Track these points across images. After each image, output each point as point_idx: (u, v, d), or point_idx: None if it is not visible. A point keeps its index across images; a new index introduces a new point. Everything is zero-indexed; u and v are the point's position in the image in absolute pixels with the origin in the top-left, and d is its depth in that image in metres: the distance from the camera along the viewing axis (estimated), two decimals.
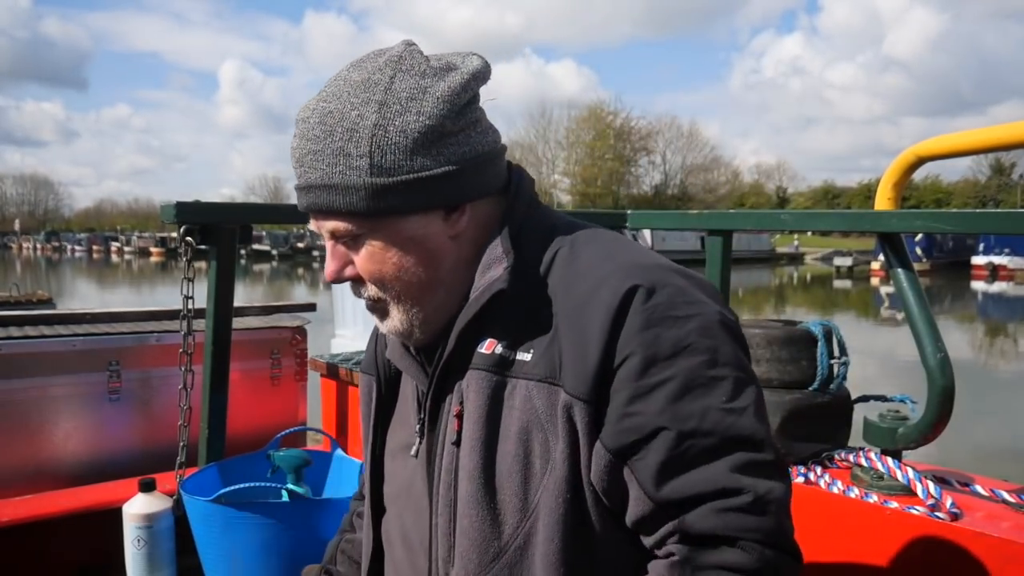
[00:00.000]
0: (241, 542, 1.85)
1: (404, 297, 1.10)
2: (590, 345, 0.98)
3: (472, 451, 1.05)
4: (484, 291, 1.06)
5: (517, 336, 1.05)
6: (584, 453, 1.00)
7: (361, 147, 1.02)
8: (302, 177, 1.07)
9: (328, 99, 1.05)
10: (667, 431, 0.95)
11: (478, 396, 1.05)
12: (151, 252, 73.69)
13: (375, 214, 1.04)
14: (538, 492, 1.01)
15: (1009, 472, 2.34)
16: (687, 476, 0.95)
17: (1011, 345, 19.74)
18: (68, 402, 2.68)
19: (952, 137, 2.11)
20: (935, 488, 1.75)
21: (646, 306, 0.98)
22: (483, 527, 1.04)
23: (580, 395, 0.98)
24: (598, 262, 1.05)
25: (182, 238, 2.08)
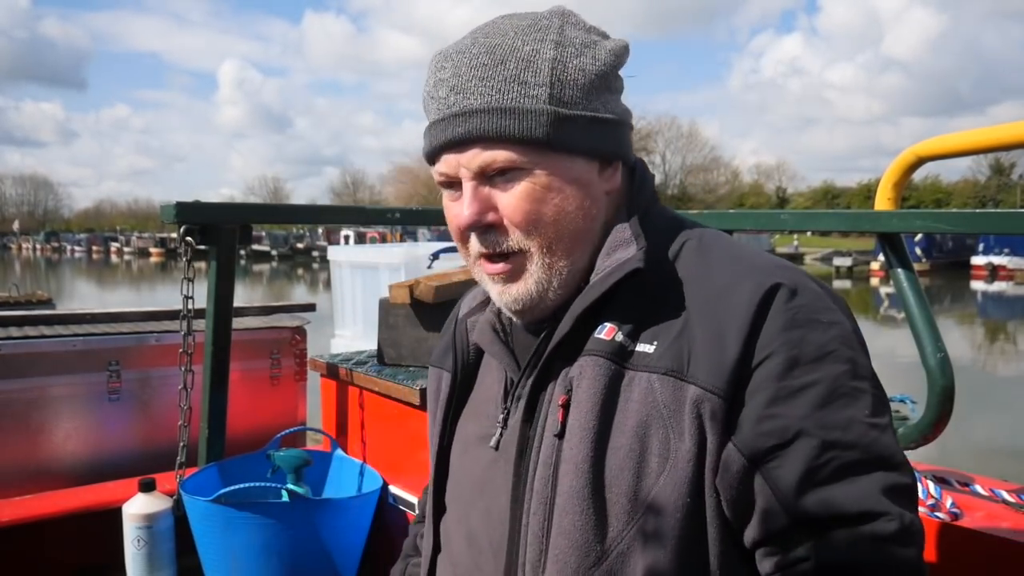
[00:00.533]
0: (241, 542, 1.85)
1: (552, 248, 1.00)
2: (728, 339, 0.91)
3: (580, 443, 0.95)
4: (615, 270, 0.99)
5: (639, 324, 0.98)
6: (712, 454, 0.90)
7: (540, 76, 0.97)
8: (459, 104, 0.98)
9: (490, 35, 1.00)
10: (810, 438, 0.87)
11: (593, 384, 0.96)
12: (151, 253, 73.66)
13: (550, 144, 0.97)
14: (651, 492, 0.92)
15: (1009, 472, 2.34)
16: (829, 490, 0.86)
17: (1011, 345, 19.74)
18: (68, 402, 2.68)
19: (952, 137, 2.11)
20: (935, 488, 1.75)
21: (789, 306, 0.93)
22: (586, 527, 0.93)
23: (715, 390, 0.90)
24: (733, 258, 1.00)
25: (182, 238, 2.08)
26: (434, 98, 1.01)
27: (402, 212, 2.60)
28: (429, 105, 1.03)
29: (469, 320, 1.20)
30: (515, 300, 1.03)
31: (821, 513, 0.86)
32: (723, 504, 0.91)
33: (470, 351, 1.18)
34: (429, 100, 1.02)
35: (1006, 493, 1.80)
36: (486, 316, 1.17)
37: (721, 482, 0.91)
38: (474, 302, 1.23)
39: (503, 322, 1.14)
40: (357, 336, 4.91)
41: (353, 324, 5.00)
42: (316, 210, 2.78)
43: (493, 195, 1.00)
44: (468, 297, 1.27)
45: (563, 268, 1.02)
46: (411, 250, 4.44)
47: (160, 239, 74.69)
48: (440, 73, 1.01)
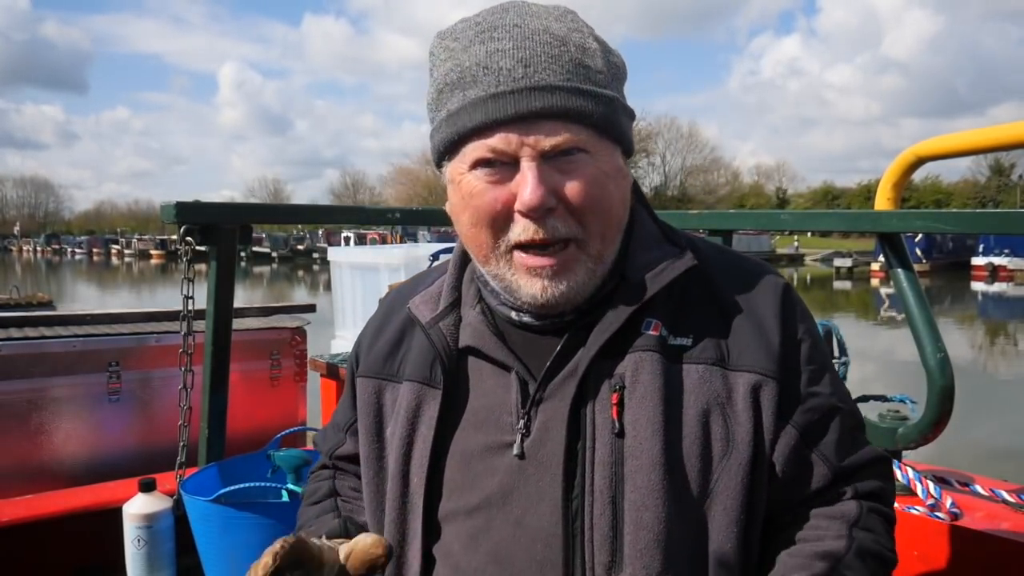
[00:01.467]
0: (241, 542, 1.85)
1: (606, 235, 0.99)
2: (770, 330, 1.03)
3: (653, 437, 0.96)
4: (667, 268, 1.02)
5: (677, 319, 1.03)
6: (769, 433, 1.00)
7: (597, 63, 0.97)
8: (530, 77, 0.93)
9: (529, 17, 0.97)
10: (839, 410, 1.06)
11: (654, 379, 0.98)
12: (151, 254, 73.69)
13: (614, 128, 0.99)
14: (717, 476, 0.98)
15: (1009, 472, 2.34)
16: (856, 448, 1.07)
17: (1011, 345, 19.73)
18: (68, 403, 2.68)
19: (952, 137, 2.11)
20: (935, 488, 1.75)
21: (797, 299, 1.10)
22: (669, 517, 0.95)
23: (771, 373, 1.01)
24: (740, 258, 1.14)
25: (182, 238, 2.08)
26: (490, 68, 0.94)
27: (402, 212, 2.60)
28: (478, 76, 0.94)
29: (443, 325, 1.09)
30: (561, 295, 0.98)
31: (854, 465, 1.06)
32: (776, 472, 1.02)
33: (455, 359, 1.08)
34: (480, 70, 0.94)
35: (1006, 493, 1.80)
36: (476, 319, 1.08)
37: (778, 455, 1.01)
38: (436, 306, 1.12)
39: (495, 323, 1.08)
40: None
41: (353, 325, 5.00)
42: (316, 210, 2.78)
43: (554, 177, 0.95)
44: (420, 301, 1.14)
45: (609, 257, 1.02)
46: (411, 251, 4.44)
47: (160, 241, 74.75)
48: (495, 43, 0.94)
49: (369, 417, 1.14)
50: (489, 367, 1.06)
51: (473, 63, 0.95)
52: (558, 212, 0.95)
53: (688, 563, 0.96)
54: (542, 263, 0.97)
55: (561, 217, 0.96)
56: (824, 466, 1.03)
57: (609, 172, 0.98)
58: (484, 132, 0.95)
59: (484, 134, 0.95)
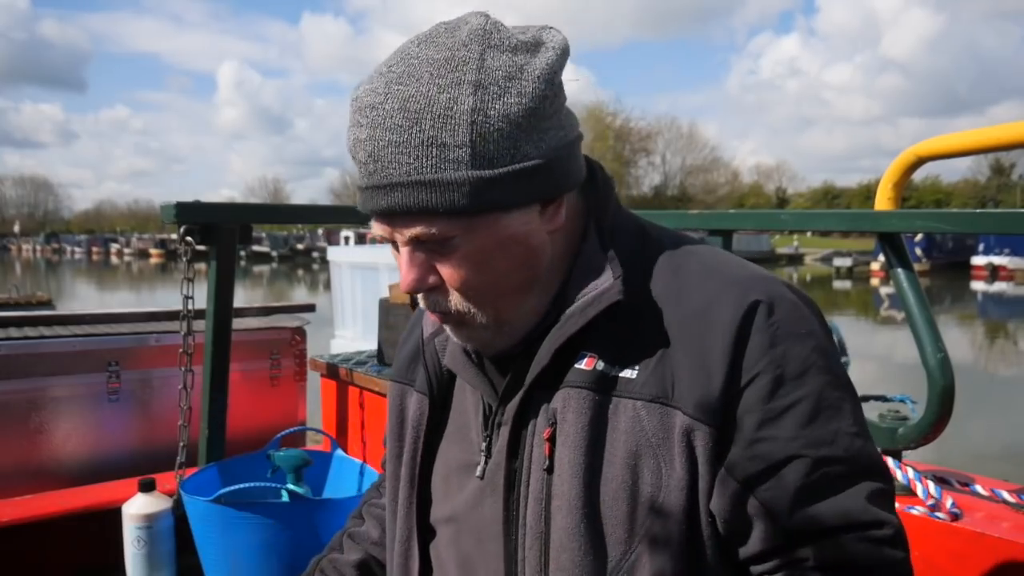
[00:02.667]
0: (241, 542, 1.85)
1: (496, 304, 0.97)
2: (713, 364, 0.90)
3: (572, 479, 0.93)
4: (592, 303, 0.95)
5: (619, 351, 0.95)
6: (704, 480, 0.90)
7: (459, 135, 0.87)
8: (379, 174, 0.90)
9: (404, 81, 0.89)
10: (801, 459, 0.88)
11: (578, 418, 0.94)
12: (150, 254, 73.66)
13: (479, 211, 0.90)
14: (645, 522, 0.91)
15: (1009, 472, 2.34)
16: (822, 505, 0.88)
17: (1011, 345, 19.73)
18: (68, 402, 2.68)
19: (952, 137, 2.11)
20: (935, 488, 1.75)
21: (770, 322, 0.91)
22: (584, 562, 0.93)
23: (703, 418, 0.89)
24: (708, 272, 0.97)
25: (182, 238, 2.08)
26: (355, 159, 0.94)
27: None
28: (353, 162, 0.96)
29: (437, 340, 1.14)
30: (468, 342, 1.03)
31: (815, 527, 0.88)
32: (718, 525, 0.92)
33: (443, 373, 1.13)
34: (352, 158, 0.95)
35: (1006, 493, 1.80)
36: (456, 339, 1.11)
37: (715, 506, 0.91)
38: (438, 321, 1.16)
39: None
40: (357, 336, 4.91)
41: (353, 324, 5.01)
42: (316, 210, 2.78)
43: (431, 258, 0.95)
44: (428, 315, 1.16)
45: (510, 319, 0.99)
46: None
47: (160, 240, 74.70)
48: (357, 131, 0.92)
49: (394, 418, 1.20)
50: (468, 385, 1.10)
51: (349, 148, 0.96)
52: (442, 288, 0.97)
53: None
54: (440, 320, 1.02)
55: (444, 293, 0.97)
56: (768, 523, 0.89)
57: (489, 248, 0.93)
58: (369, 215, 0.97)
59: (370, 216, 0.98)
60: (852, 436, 0.91)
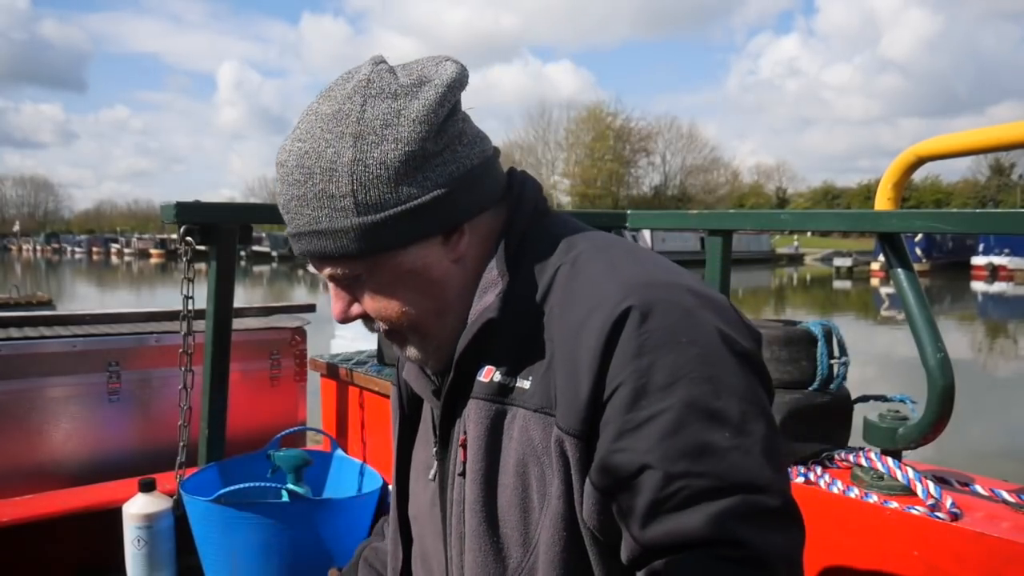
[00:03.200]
0: (241, 542, 1.85)
1: (415, 329, 1.06)
2: (581, 375, 0.90)
3: (473, 483, 1.01)
4: (476, 320, 1.01)
5: (516, 362, 0.99)
6: (576, 490, 0.93)
7: (342, 187, 0.95)
8: (290, 224, 1.02)
9: (303, 138, 0.99)
10: (653, 470, 0.85)
11: (477, 426, 1.01)
12: (151, 254, 73.69)
13: (369, 254, 0.99)
14: (538, 528, 0.96)
15: (1009, 472, 2.34)
16: (673, 520, 0.85)
17: (1011, 345, 19.73)
18: (68, 403, 2.68)
19: (952, 137, 2.11)
20: (935, 488, 1.75)
21: (641, 330, 0.88)
22: (486, 562, 0.99)
23: (570, 430, 0.91)
24: (597, 280, 0.96)
25: (182, 238, 2.08)
26: (279, 206, 1.05)
27: None
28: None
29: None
30: (413, 358, 1.10)
31: (667, 542, 0.85)
32: (595, 534, 0.93)
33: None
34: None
35: (1006, 493, 1.80)
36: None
37: (587, 514, 0.92)
38: None
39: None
40: (357, 336, 4.92)
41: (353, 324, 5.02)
42: None
43: (351, 291, 1.06)
44: None
45: (432, 340, 1.07)
46: None
47: (160, 240, 74.77)
48: (276, 185, 1.04)
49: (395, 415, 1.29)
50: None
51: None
52: (368, 316, 1.07)
53: None
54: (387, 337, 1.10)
55: (371, 320, 1.07)
56: (626, 533, 0.90)
57: (392, 282, 1.02)
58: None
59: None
60: (725, 450, 0.85)
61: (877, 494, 1.82)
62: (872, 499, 1.81)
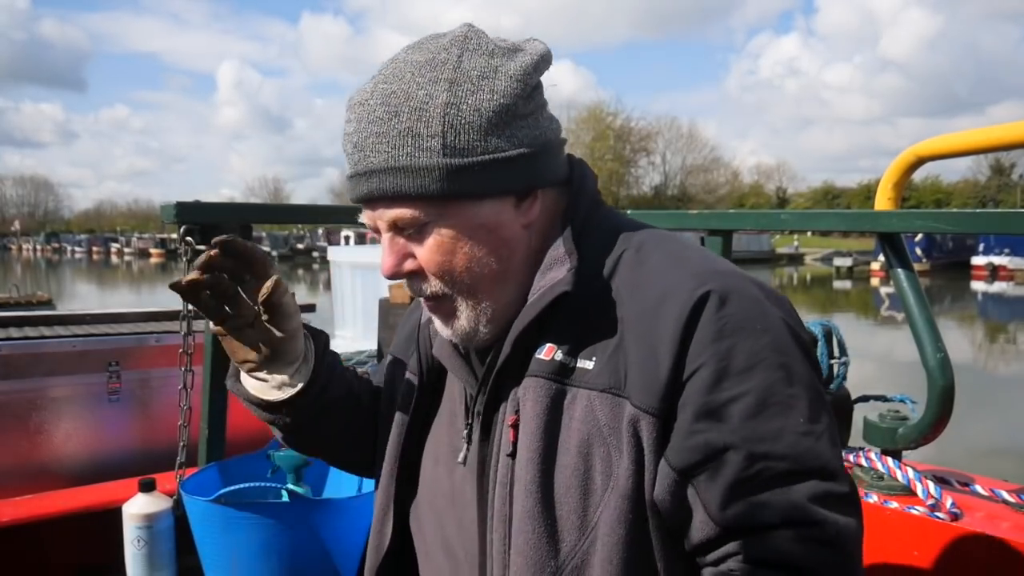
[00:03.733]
0: (241, 542, 1.85)
1: (474, 292, 1.02)
2: (659, 355, 0.92)
3: (529, 464, 0.97)
4: (546, 293, 1.00)
5: (578, 342, 0.99)
6: (649, 471, 0.92)
7: (432, 126, 0.95)
8: (362, 163, 0.99)
9: (389, 80, 0.99)
10: (737, 451, 0.88)
11: (536, 405, 0.98)
12: (151, 253, 73.71)
13: (448, 197, 0.97)
14: (598, 510, 0.94)
15: (1009, 472, 2.34)
16: (757, 501, 0.88)
17: (1011, 345, 19.73)
18: (68, 403, 2.68)
19: (952, 137, 2.11)
20: (935, 488, 1.75)
21: (719, 315, 0.92)
22: (539, 545, 0.96)
23: (648, 408, 0.92)
24: (667, 266, 0.99)
25: (182, 238, 2.08)
26: (344, 152, 1.03)
27: None
28: (344, 151, 1.04)
29: (431, 327, 1.18)
30: (455, 334, 1.06)
31: (747, 523, 0.89)
32: (662, 516, 0.93)
33: (433, 360, 1.18)
34: (343, 149, 1.03)
35: (1006, 493, 1.80)
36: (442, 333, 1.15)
37: (658, 496, 0.93)
38: None
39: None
40: (357, 336, 4.92)
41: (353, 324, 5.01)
42: (316, 210, 2.77)
43: (408, 245, 1.02)
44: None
45: (488, 308, 1.04)
46: None
47: (160, 240, 74.77)
48: (347, 126, 1.02)
49: (387, 390, 1.26)
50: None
51: (342, 144, 1.04)
52: (421, 274, 1.03)
53: None
54: (429, 307, 1.08)
55: (424, 279, 1.03)
56: (704, 514, 0.90)
57: (461, 235, 0.99)
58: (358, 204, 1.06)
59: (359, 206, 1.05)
60: (800, 435, 0.89)
61: (877, 494, 1.83)
62: (872, 499, 1.81)
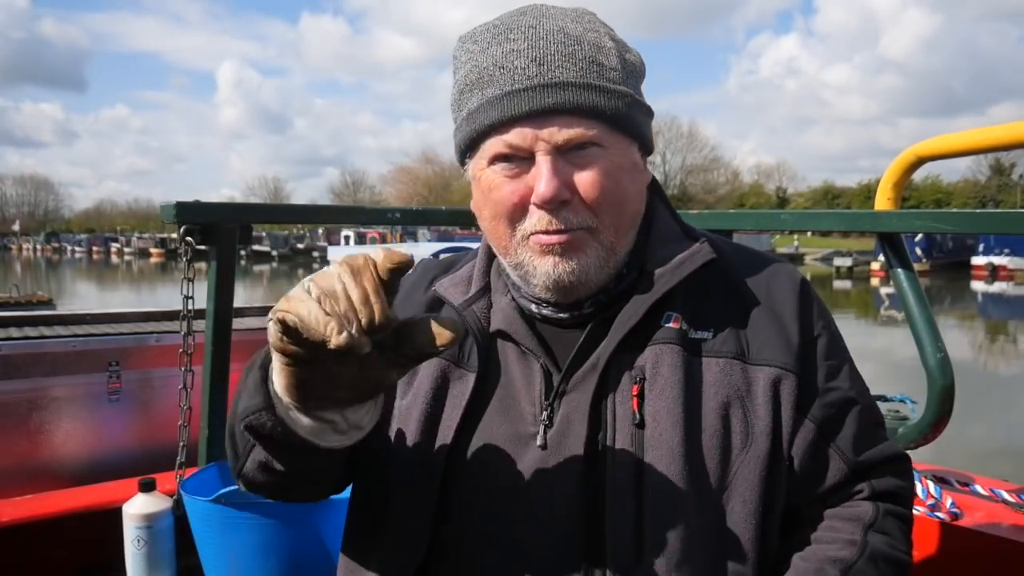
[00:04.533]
0: (241, 542, 1.85)
1: (618, 227, 1.02)
2: (789, 324, 1.06)
3: (673, 428, 0.98)
4: (685, 261, 1.05)
5: (697, 314, 1.05)
6: (787, 427, 1.02)
7: (612, 61, 1.01)
8: (545, 75, 0.97)
9: (545, 18, 1.01)
10: (857, 405, 1.07)
11: (673, 372, 1.00)
12: (151, 253, 73.68)
13: (628, 123, 1.02)
14: (736, 468, 0.99)
15: (1009, 472, 2.34)
16: (874, 443, 1.07)
17: (1011, 345, 19.73)
18: (68, 403, 2.68)
19: (952, 137, 2.11)
20: (935, 488, 1.75)
21: (813, 294, 1.11)
22: (688, 509, 0.96)
23: (791, 367, 1.03)
24: (754, 254, 1.15)
25: (182, 238, 2.08)
26: (506, 68, 0.98)
27: (402, 212, 2.60)
28: (495, 75, 0.99)
29: (476, 308, 1.10)
30: (571, 272, 1.00)
31: (871, 461, 1.06)
32: (794, 467, 1.03)
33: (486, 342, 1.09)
34: (496, 70, 0.99)
35: (1006, 493, 1.80)
36: (509, 305, 1.09)
37: (796, 449, 1.03)
38: (468, 290, 1.13)
39: (525, 312, 1.09)
40: None
41: None
42: (316, 210, 2.77)
43: (569, 170, 0.99)
44: (448, 284, 1.15)
45: (621, 248, 1.04)
46: (411, 250, 4.44)
47: (160, 239, 74.75)
48: (510, 44, 0.99)
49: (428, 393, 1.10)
50: (515, 355, 1.08)
51: (490, 63, 1.00)
52: (572, 204, 0.99)
53: (706, 554, 0.97)
54: (554, 240, 1.00)
55: (575, 209, 0.99)
56: (840, 461, 1.04)
57: (624, 166, 1.02)
58: (501, 128, 0.99)
59: (501, 130, 0.99)
60: (867, 390, 1.12)
61: None
62: None
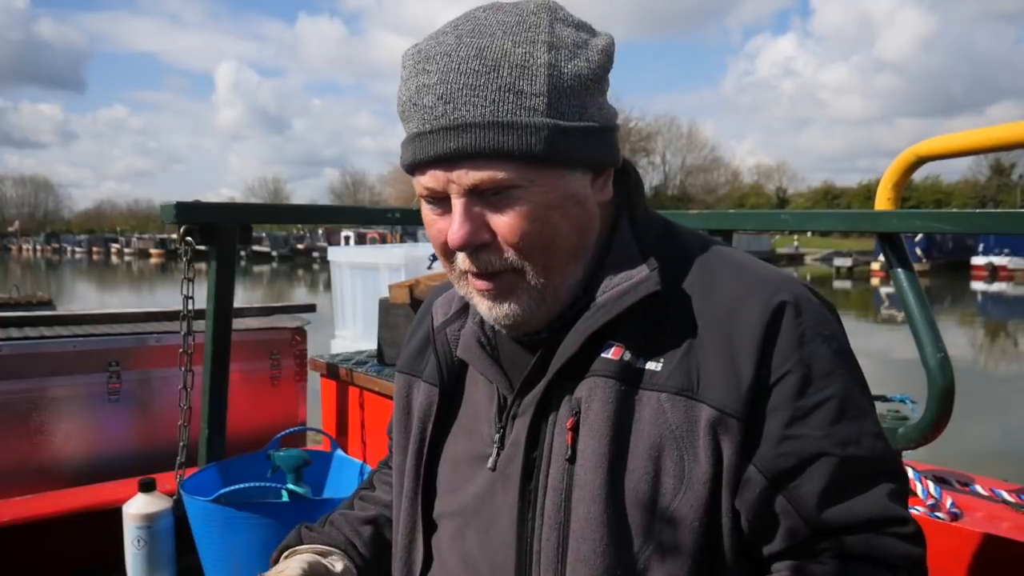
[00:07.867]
0: (241, 542, 1.85)
1: (549, 268, 0.96)
2: (741, 359, 0.91)
3: (597, 468, 0.93)
4: (628, 292, 0.95)
5: (645, 343, 0.96)
6: (729, 475, 0.90)
7: (537, 85, 0.90)
8: (450, 115, 0.90)
9: (478, 34, 0.91)
10: (830, 456, 0.90)
11: (604, 407, 0.94)
12: (151, 254, 73.69)
13: (550, 160, 0.91)
14: (667, 513, 0.91)
15: (1009, 472, 2.34)
16: (851, 503, 0.90)
17: (1011, 345, 19.73)
18: (68, 403, 2.68)
19: (952, 137, 2.11)
20: (935, 488, 1.75)
21: (797, 322, 0.93)
22: (607, 552, 0.92)
23: (733, 412, 0.90)
24: (732, 271, 0.99)
25: (182, 238, 2.08)
26: (417, 106, 0.93)
27: (402, 212, 2.60)
28: (410, 112, 0.94)
29: (448, 330, 1.13)
30: (506, 316, 0.99)
31: (843, 522, 0.90)
32: (741, 522, 0.92)
33: (454, 363, 1.12)
34: (410, 107, 0.94)
35: (1006, 493, 1.80)
36: (470, 329, 1.10)
37: (740, 502, 0.91)
38: (449, 309, 1.16)
39: (488, 334, 1.08)
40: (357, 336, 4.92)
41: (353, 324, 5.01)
42: (316, 210, 2.78)
43: (485, 213, 0.93)
44: (440, 302, 1.19)
45: (557, 286, 0.98)
46: (411, 250, 4.44)
47: (160, 240, 74.76)
48: (423, 77, 0.92)
49: (400, 411, 1.19)
50: (482, 377, 1.08)
51: (407, 98, 0.95)
52: (493, 246, 0.95)
53: None
54: (484, 286, 0.98)
55: (496, 250, 0.95)
56: (796, 519, 0.90)
57: (551, 203, 0.93)
58: (418, 170, 0.95)
59: (418, 171, 0.95)
60: (875, 437, 0.93)
61: None
62: None
